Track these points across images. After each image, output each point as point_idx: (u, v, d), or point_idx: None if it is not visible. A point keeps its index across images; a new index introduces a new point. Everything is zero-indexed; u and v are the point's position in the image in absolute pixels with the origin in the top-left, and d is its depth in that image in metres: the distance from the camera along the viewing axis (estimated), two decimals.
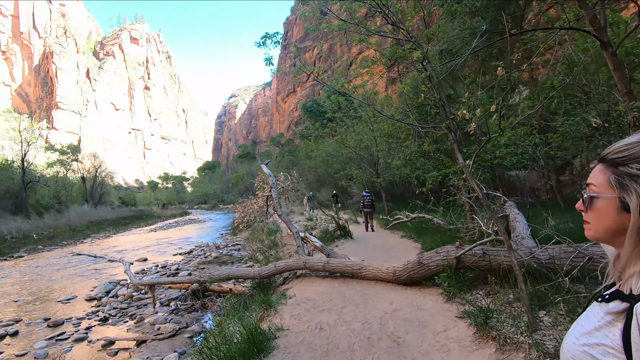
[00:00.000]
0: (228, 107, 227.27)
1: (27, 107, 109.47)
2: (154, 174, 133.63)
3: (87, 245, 23.16)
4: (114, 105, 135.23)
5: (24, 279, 13.01)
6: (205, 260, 14.55)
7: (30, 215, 32.39)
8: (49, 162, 51.98)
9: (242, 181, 68.07)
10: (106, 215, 44.32)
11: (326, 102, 28.62)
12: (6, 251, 19.72)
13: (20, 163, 35.28)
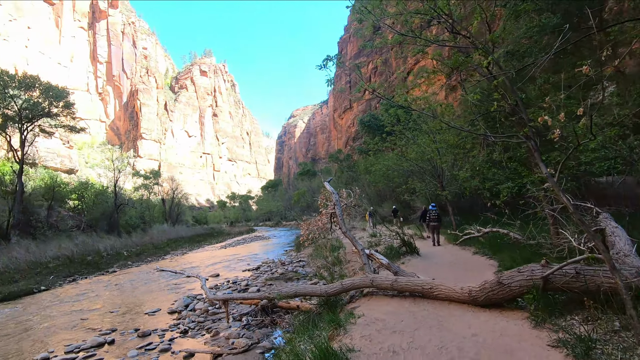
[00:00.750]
0: (288, 127, 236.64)
1: (118, 139, 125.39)
2: (223, 194, 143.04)
3: (167, 261, 25.33)
4: (188, 132, 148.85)
5: (117, 291, 14.57)
6: (272, 277, 14.99)
7: (121, 234, 36.51)
8: (135, 186, 58.58)
9: (303, 198, 69.67)
10: (182, 233, 48.16)
11: (384, 116, 28.36)
12: (103, 266, 22.36)
13: (113, 188, 40.17)
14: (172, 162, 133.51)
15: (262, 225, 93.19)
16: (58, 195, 34.96)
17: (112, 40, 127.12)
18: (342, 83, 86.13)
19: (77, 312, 11.32)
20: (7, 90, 26.39)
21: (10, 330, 9.78)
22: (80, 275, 19.14)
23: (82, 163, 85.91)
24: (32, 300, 13.78)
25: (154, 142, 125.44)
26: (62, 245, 25.10)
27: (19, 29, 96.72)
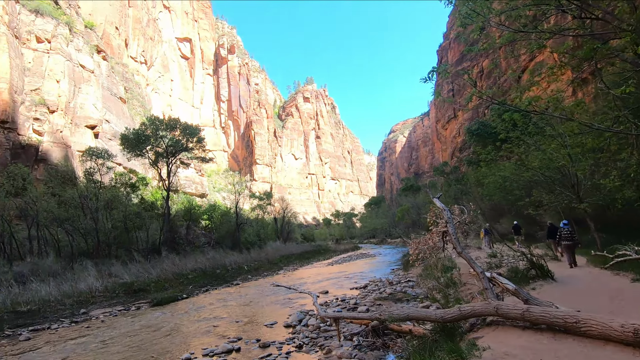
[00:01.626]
0: (388, 143, 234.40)
1: (237, 166, 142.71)
2: (327, 212, 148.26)
3: (281, 276, 27.17)
4: (294, 155, 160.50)
5: (240, 302, 16.17)
6: (381, 297, 14.63)
7: (242, 250, 40.79)
8: (251, 207, 65.23)
9: (407, 214, 67.18)
10: (293, 250, 51.25)
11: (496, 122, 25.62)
12: (229, 279, 25.21)
13: (235, 209, 45.47)
14: (282, 184, 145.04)
15: (366, 242, 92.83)
16: (194, 216, 41.22)
17: (231, 81, 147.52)
18: (444, 92, 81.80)
19: (210, 319, 12.91)
20: (158, 132, 32.75)
21: (162, 330, 11.71)
22: (212, 286, 21.92)
23: (210, 188, 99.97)
24: (176, 306, 16.30)
25: (266, 166, 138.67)
26: (197, 260, 29.28)
27: (165, 83, 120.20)
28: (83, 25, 58.41)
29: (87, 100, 49.87)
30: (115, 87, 61.92)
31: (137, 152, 33.59)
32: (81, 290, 17.94)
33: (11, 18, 40.72)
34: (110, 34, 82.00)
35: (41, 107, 42.39)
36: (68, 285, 17.95)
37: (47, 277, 18.73)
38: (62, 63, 46.43)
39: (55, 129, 43.22)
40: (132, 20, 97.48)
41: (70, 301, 16.60)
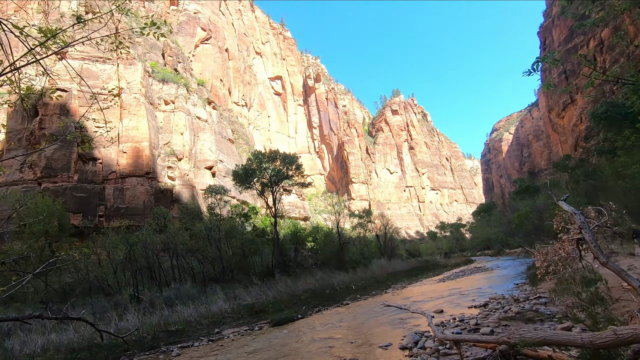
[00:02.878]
0: (491, 143, 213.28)
1: (334, 187, 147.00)
2: (431, 224, 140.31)
3: (389, 295, 26.46)
4: (389, 169, 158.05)
5: (352, 323, 16.22)
6: (506, 316, 13.00)
7: (348, 270, 41.21)
8: (352, 225, 65.89)
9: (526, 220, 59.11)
10: (399, 267, 49.60)
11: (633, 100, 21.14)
12: (338, 299, 25.62)
13: (336, 229, 46.55)
14: (380, 200, 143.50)
15: (480, 254, 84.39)
16: (300, 239, 43.54)
17: (320, 107, 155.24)
18: (554, 77, 71.46)
19: (325, 340, 13.25)
20: (262, 165, 36.11)
21: (283, 350, 12.45)
22: (323, 307, 22.55)
23: (312, 211, 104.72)
24: (293, 326, 17.19)
25: (362, 184, 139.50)
26: (307, 281, 30.60)
27: (263, 119, 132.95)
28: (196, 84, 69.17)
29: (204, 145, 58.19)
30: (224, 131, 70.98)
31: (246, 184, 37.51)
32: (214, 311, 20.37)
33: (147, 89, 50.72)
34: (216, 86, 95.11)
35: (172, 157, 50.98)
36: (203, 308, 20.60)
37: (187, 300, 21.84)
38: (184, 118, 55.48)
39: (183, 173, 51.30)
40: (232, 71, 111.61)
41: (206, 321, 18.97)
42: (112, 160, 45.15)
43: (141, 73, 50.39)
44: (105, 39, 4.91)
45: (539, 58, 4.49)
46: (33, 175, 42.01)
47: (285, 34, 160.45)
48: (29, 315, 3.51)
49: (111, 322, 17.60)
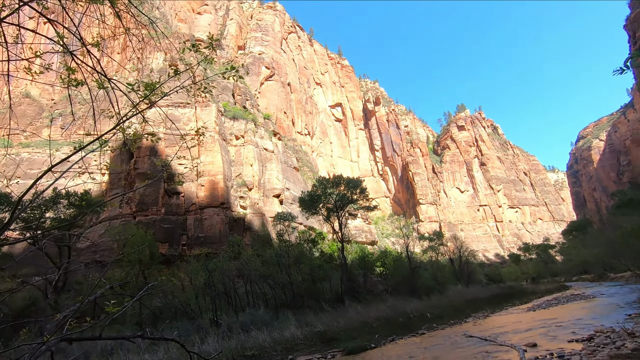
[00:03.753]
0: (578, 153, 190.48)
1: (400, 209, 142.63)
2: (512, 246, 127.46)
3: (470, 324, 24.28)
4: (459, 188, 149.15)
5: (431, 355, 15.13)
6: (619, 353, 11.07)
7: (421, 296, 38.96)
8: (422, 249, 62.76)
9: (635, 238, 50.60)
10: (478, 294, 45.48)
11: None
12: (413, 328, 24.21)
13: (406, 253, 44.71)
14: (451, 221, 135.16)
15: (576, 280, 73.92)
16: (368, 264, 42.59)
17: (381, 129, 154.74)
18: None
19: None
20: (326, 190, 36.72)
21: None
22: (397, 336, 21.47)
23: (379, 234, 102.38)
24: (367, 355, 16.59)
25: (430, 205, 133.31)
26: (378, 308, 29.55)
27: (325, 146, 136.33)
28: (262, 118, 74.09)
29: (272, 175, 61.27)
30: (289, 160, 74.17)
31: (312, 210, 38.29)
32: (286, 337, 20.61)
33: (220, 127, 55.69)
34: (281, 118, 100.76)
35: (243, 187, 54.45)
36: (277, 333, 20.98)
37: (262, 325, 22.47)
38: (253, 150, 59.39)
39: (253, 202, 54.30)
40: (294, 103, 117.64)
41: (280, 347, 19.23)
42: (192, 194, 49.70)
43: (215, 113, 55.68)
44: (193, 87, 5.70)
45: (633, 53, 4.01)
46: (130, 210, 47.92)
47: (342, 62, 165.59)
48: (133, 335, 3.97)
49: (195, 345, 18.77)
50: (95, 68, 4.69)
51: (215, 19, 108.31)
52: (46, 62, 4.71)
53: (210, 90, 6.10)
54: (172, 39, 59.08)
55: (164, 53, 62.86)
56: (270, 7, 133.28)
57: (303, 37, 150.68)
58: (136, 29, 7.12)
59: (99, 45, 5.12)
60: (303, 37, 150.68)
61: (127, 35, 6.87)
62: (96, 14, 6.01)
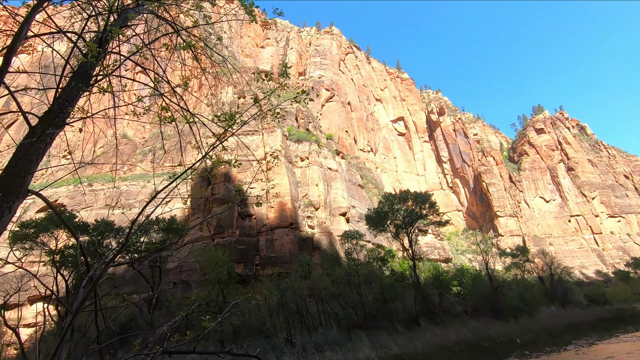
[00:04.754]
0: None
1: (475, 223, 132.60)
2: (617, 261, 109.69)
3: (572, 353, 21.24)
4: (543, 198, 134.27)
5: None
6: None
7: (507, 319, 35.27)
8: (505, 266, 57.19)
9: None
10: (579, 317, 39.76)
11: None
12: (501, 354, 21.92)
13: (486, 271, 41.19)
14: (537, 234, 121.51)
15: None
16: (443, 283, 40.07)
17: (448, 140, 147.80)
18: None
19: None
20: (393, 206, 35.90)
21: None
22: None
23: (453, 251, 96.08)
24: None
25: (509, 217, 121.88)
26: (458, 331, 27.45)
27: (390, 162, 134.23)
28: (325, 139, 75.88)
29: (337, 193, 61.86)
30: (354, 178, 74.31)
31: (379, 228, 37.60)
32: (360, 359, 20.12)
33: (285, 150, 58.31)
34: (343, 137, 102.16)
35: (310, 207, 55.73)
36: (351, 355, 20.61)
37: (335, 346, 22.28)
38: (317, 170, 60.86)
39: (320, 221, 55.11)
40: (355, 121, 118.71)
41: None
42: (263, 215, 52.23)
43: (280, 138, 58.60)
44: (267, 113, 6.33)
45: None
46: (209, 233, 51.91)
47: (402, 76, 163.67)
48: (220, 350, 4.28)
49: None
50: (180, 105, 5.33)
51: (277, 50, 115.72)
52: (146, 105, 5.54)
53: (283, 116, 6.61)
54: (240, 74, 64.39)
55: (233, 87, 68.61)
56: (327, 32, 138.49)
57: (360, 56, 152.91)
58: (211, 68, 7.97)
59: (187, 85, 5.84)
60: (360, 56, 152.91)
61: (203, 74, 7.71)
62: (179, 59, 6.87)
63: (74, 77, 3.85)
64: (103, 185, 65.55)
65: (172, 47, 6.07)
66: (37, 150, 3.17)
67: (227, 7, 71.32)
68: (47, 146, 3.35)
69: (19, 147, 3.09)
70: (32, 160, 3.16)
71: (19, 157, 3.02)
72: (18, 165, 2.98)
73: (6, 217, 2.99)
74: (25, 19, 3.15)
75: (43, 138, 3.18)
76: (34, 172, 3.23)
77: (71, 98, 3.66)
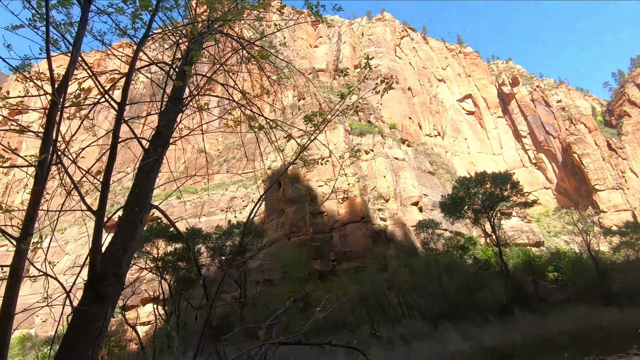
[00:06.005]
0: None
1: (569, 200, 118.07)
2: None
3: None
4: None
5: None
6: None
7: (621, 306, 30.84)
8: (612, 246, 50.05)
9: None
10: None
11: None
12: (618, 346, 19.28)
13: (588, 253, 36.52)
14: None
15: None
16: (536, 269, 36.52)
17: (525, 112, 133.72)
18: None
19: None
20: (470, 190, 33.74)
21: None
22: (596, 356, 17.49)
23: (544, 234, 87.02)
24: None
25: (612, 190, 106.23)
26: (560, 320, 24.84)
27: (460, 143, 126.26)
28: (388, 128, 74.18)
29: (406, 183, 60.11)
30: (422, 165, 71.46)
31: (456, 215, 35.66)
32: (450, 351, 19.35)
33: (349, 145, 58.39)
34: (406, 124, 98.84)
35: (380, 200, 55.07)
36: (439, 347, 19.94)
37: (421, 337, 21.76)
38: (384, 162, 59.82)
39: (392, 213, 54.13)
40: (418, 106, 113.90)
41: None
42: (334, 212, 53.01)
43: (343, 134, 58.78)
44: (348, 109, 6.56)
45: None
46: (284, 233, 54.35)
47: (464, 50, 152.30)
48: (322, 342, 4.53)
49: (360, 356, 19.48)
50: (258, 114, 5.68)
51: (330, 47, 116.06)
52: (226, 118, 6.05)
53: (363, 109, 6.72)
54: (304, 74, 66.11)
55: (292, 90, 70.67)
56: (378, 20, 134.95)
57: (416, 38, 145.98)
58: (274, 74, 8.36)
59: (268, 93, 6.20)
60: (416, 38, 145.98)
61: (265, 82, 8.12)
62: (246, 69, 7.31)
63: (170, 101, 4.40)
64: (189, 197, 72.59)
65: (241, 60, 6.48)
66: (153, 169, 3.73)
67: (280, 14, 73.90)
68: (159, 165, 3.90)
69: (140, 167, 3.68)
70: (151, 178, 3.74)
71: (142, 177, 3.61)
72: (143, 184, 3.56)
73: (140, 228, 3.59)
74: (134, 56, 3.67)
75: (155, 158, 3.72)
76: (153, 189, 3.81)
77: (171, 120, 4.21)
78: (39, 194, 3.02)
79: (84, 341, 3.14)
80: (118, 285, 3.44)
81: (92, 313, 3.17)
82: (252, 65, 7.55)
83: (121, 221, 3.46)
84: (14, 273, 2.87)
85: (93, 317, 3.18)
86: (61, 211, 3.72)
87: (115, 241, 3.41)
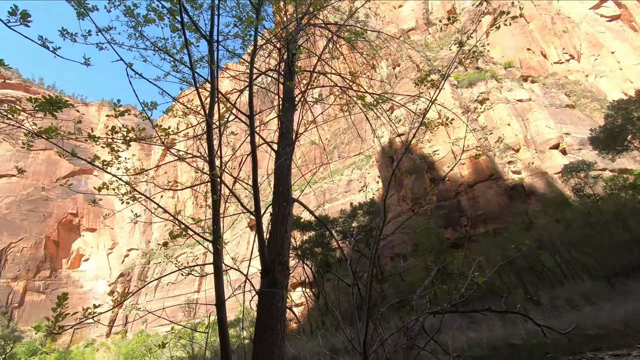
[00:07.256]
0: None
1: None
2: None
3: None
4: None
5: None
6: None
7: None
8: None
9: None
10: None
11: None
12: None
13: None
14: None
15: None
16: None
17: None
18: None
19: None
20: (630, 115, 26.90)
21: None
22: None
23: None
24: None
25: None
26: None
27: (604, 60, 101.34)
28: (503, 68, 64.66)
29: (539, 125, 51.62)
30: (556, 99, 60.12)
31: (617, 148, 29.03)
32: None
33: (459, 101, 53.20)
34: (526, 58, 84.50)
35: (508, 151, 48.83)
36: (621, 310, 16.74)
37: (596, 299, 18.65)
38: (504, 108, 52.59)
39: (527, 163, 47.43)
40: (537, 32, 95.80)
41: None
42: (456, 175, 49.39)
43: (449, 90, 53.79)
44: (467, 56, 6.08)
45: None
46: (407, 206, 53.36)
47: None
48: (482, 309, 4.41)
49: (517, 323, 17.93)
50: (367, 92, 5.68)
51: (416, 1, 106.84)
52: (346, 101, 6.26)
53: (482, 51, 6.14)
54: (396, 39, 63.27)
55: (385, 60, 68.00)
56: None
57: None
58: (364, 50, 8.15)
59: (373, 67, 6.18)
60: None
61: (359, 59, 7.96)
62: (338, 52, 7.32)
63: (285, 102, 4.83)
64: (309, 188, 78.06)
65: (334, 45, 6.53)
66: (288, 167, 4.24)
67: None
68: (290, 162, 4.39)
69: (277, 167, 4.21)
70: (289, 175, 4.23)
71: (281, 175, 4.15)
72: (284, 182, 4.09)
73: (290, 219, 4.14)
74: (250, 71, 4.16)
75: (287, 156, 4.20)
76: (291, 184, 4.32)
77: (289, 120, 4.63)
78: (217, 204, 3.80)
79: (272, 318, 3.90)
80: (285, 271, 4.06)
81: (271, 295, 3.89)
82: (344, 48, 7.55)
83: (274, 216, 4.09)
84: (217, 268, 3.69)
85: (273, 299, 3.90)
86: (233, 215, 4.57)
87: (274, 233, 4.05)
